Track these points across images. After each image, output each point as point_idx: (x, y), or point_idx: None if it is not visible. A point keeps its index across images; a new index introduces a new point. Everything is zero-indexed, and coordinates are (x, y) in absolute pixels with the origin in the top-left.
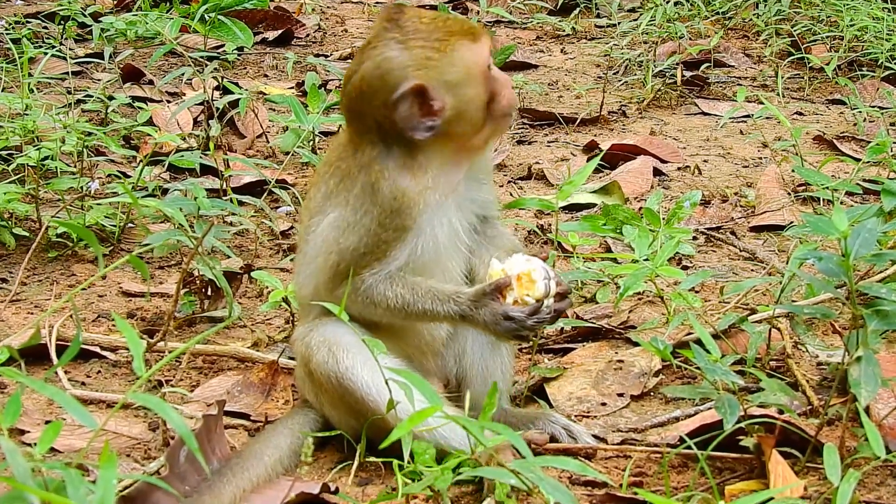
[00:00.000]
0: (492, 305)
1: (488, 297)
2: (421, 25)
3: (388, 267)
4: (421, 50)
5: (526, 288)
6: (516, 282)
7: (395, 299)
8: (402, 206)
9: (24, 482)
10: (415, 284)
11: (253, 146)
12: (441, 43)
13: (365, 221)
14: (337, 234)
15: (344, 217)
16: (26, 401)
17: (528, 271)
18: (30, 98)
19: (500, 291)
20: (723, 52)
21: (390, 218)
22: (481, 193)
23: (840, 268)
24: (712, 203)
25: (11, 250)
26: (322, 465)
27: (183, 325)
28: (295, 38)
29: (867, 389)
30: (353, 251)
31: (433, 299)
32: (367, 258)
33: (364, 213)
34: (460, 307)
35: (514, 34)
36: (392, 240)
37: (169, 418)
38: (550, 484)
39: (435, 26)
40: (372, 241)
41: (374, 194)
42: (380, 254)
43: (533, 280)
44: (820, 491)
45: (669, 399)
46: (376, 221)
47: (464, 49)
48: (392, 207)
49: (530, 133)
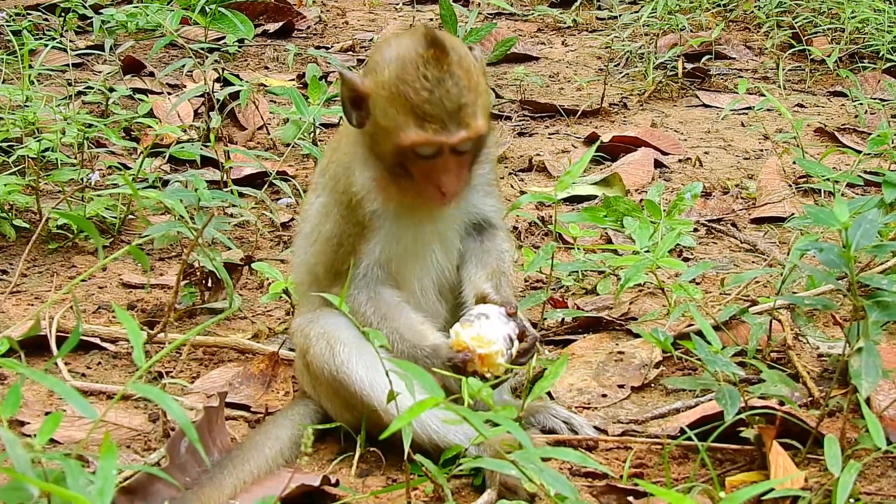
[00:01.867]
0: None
1: (447, 366)
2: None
3: (360, 263)
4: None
5: (487, 367)
6: (478, 360)
7: (367, 318)
8: (357, 203)
9: (23, 473)
10: (387, 313)
11: (254, 138)
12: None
13: (336, 210)
14: (321, 220)
15: (324, 202)
16: (26, 392)
17: (491, 353)
18: (30, 90)
19: (459, 366)
20: (724, 44)
21: (349, 210)
22: (476, 204)
23: (841, 259)
24: (713, 195)
25: (12, 242)
26: (322, 456)
27: (183, 317)
28: (296, 30)
29: (868, 381)
30: (330, 239)
31: (398, 338)
32: (342, 251)
33: (335, 201)
34: (419, 359)
35: (515, 26)
36: (354, 233)
37: (169, 409)
38: (551, 475)
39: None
40: (340, 230)
41: (338, 183)
42: (349, 246)
43: (496, 364)
44: (820, 482)
45: (670, 390)
46: (340, 213)
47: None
48: (349, 201)
49: (531, 125)
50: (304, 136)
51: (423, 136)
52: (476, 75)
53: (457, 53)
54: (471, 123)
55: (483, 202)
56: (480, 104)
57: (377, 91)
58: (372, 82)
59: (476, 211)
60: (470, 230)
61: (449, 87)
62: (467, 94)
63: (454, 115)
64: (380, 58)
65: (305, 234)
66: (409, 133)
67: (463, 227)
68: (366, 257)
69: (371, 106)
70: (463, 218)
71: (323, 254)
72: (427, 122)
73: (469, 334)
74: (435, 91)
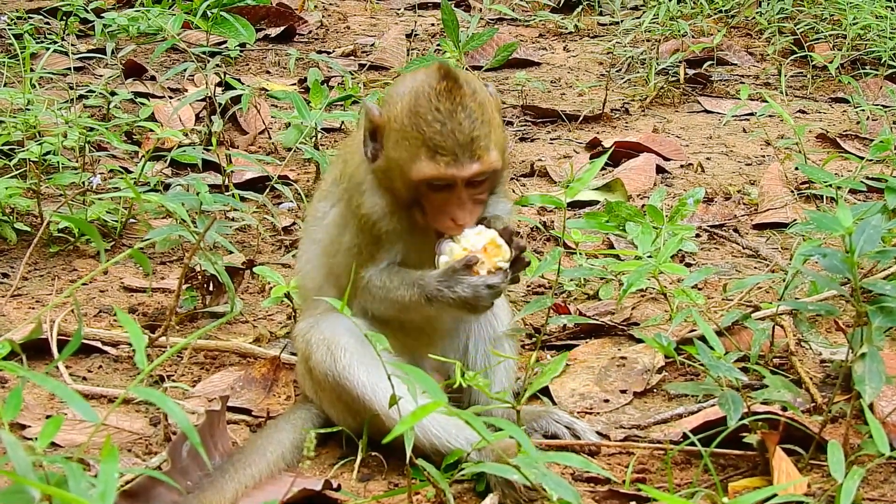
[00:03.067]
0: (468, 280)
1: (460, 273)
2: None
3: (381, 264)
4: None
5: (494, 255)
6: (484, 254)
7: (381, 289)
8: (369, 224)
9: (25, 476)
10: (393, 273)
11: (255, 142)
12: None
13: (352, 223)
14: (339, 231)
15: (342, 213)
16: (27, 396)
17: (492, 240)
18: (32, 93)
19: (471, 268)
20: (726, 50)
21: (364, 226)
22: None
23: (844, 264)
24: (715, 200)
25: (13, 245)
26: (324, 460)
27: (184, 321)
28: (297, 34)
29: (871, 386)
30: (351, 248)
31: (402, 285)
32: (361, 258)
33: (351, 214)
34: (424, 290)
35: (516, 31)
36: (372, 243)
37: (171, 412)
38: (554, 480)
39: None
40: (359, 241)
41: (350, 199)
42: (367, 256)
43: (498, 245)
44: (823, 488)
45: (673, 396)
46: (357, 226)
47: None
48: (360, 221)
49: (533, 130)
50: (305, 140)
51: (434, 169)
52: (490, 109)
53: (470, 87)
54: (483, 157)
55: (492, 209)
56: (494, 138)
57: (390, 124)
58: (386, 115)
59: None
60: None
61: (461, 119)
62: (480, 126)
63: (466, 147)
64: (395, 91)
65: (318, 241)
66: (420, 166)
67: None
68: (386, 260)
69: (384, 139)
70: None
71: (346, 265)
72: (439, 155)
73: (461, 243)
74: (447, 123)
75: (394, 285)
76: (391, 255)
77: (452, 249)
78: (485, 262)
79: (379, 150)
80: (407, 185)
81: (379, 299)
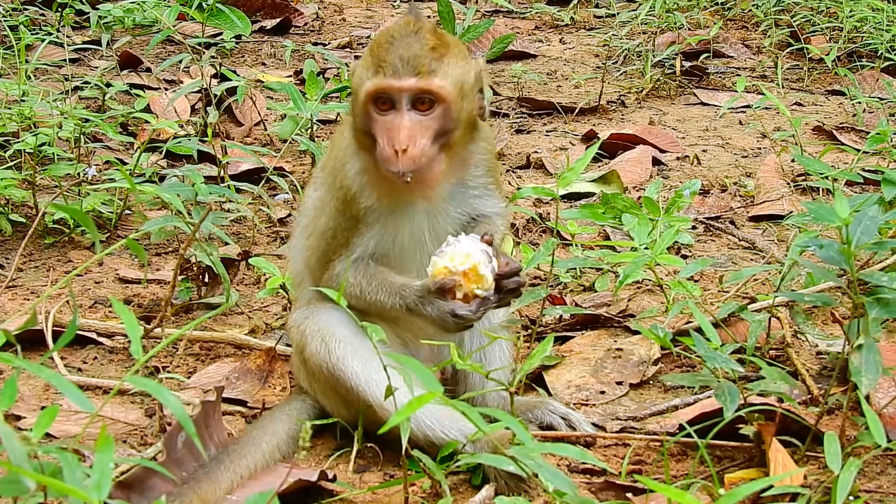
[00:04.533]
0: (438, 304)
1: (433, 295)
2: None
3: (353, 254)
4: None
5: (474, 282)
6: (463, 278)
7: (355, 286)
8: (351, 199)
9: (20, 466)
10: (372, 274)
11: (251, 134)
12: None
13: (332, 204)
14: (317, 214)
15: (321, 196)
16: (22, 386)
17: (474, 266)
18: (27, 85)
19: (446, 290)
20: (722, 42)
21: (344, 205)
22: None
23: (841, 256)
24: (711, 192)
25: (8, 236)
26: (319, 451)
27: (180, 312)
28: (293, 26)
29: (868, 378)
30: (323, 233)
31: (383, 291)
32: (334, 242)
33: (332, 196)
34: (405, 301)
35: (512, 24)
36: (349, 227)
37: (166, 402)
38: (550, 471)
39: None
40: (334, 224)
41: (335, 178)
42: (342, 240)
43: (481, 275)
44: (820, 479)
45: (669, 387)
46: (335, 207)
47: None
48: (342, 196)
49: (529, 122)
50: (301, 131)
51: (375, 82)
52: (454, 51)
53: (435, 29)
54: (425, 75)
55: (481, 203)
56: (449, 71)
57: (358, 64)
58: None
59: (473, 211)
60: (465, 226)
61: (410, 42)
62: (430, 52)
63: (408, 62)
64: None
65: (302, 226)
66: (366, 84)
67: (459, 224)
68: (359, 248)
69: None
70: (459, 217)
71: (318, 247)
72: (381, 68)
73: (445, 260)
74: (395, 42)
75: (372, 288)
76: (364, 243)
77: (435, 263)
78: (462, 286)
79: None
80: (360, 113)
81: (352, 296)
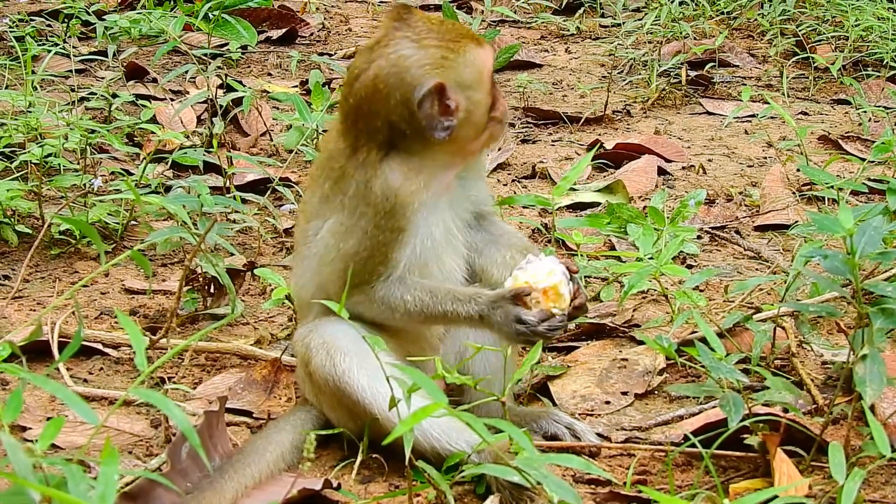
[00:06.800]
0: (507, 307)
1: (506, 300)
2: (431, 26)
3: (395, 271)
4: (436, 50)
5: (552, 301)
6: (542, 295)
7: (413, 303)
8: (395, 207)
9: (25, 478)
10: (432, 288)
11: (256, 144)
12: (454, 44)
13: (361, 224)
14: (337, 239)
15: (341, 221)
16: (28, 398)
17: (555, 285)
18: (33, 95)
19: (520, 298)
20: (727, 51)
21: (385, 219)
22: (474, 190)
23: (846, 266)
24: (717, 202)
25: (14, 247)
26: (324, 462)
27: (185, 323)
28: (299, 36)
29: (872, 388)
30: (354, 255)
31: (453, 300)
32: (371, 263)
33: (360, 215)
34: (480, 307)
35: (518, 33)
36: (389, 241)
37: (171, 413)
38: (554, 481)
39: (445, 28)
40: (370, 243)
41: (368, 195)
42: (381, 257)
43: (560, 294)
44: (825, 490)
45: (674, 397)
46: (372, 223)
47: (475, 52)
48: (385, 208)
49: (534, 132)
50: (307, 142)
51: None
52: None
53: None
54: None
55: (482, 189)
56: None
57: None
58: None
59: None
60: (471, 222)
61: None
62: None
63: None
64: (408, 53)
65: (313, 255)
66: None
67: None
68: (401, 262)
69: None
70: (466, 206)
71: (343, 271)
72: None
73: (527, 275)
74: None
75: (437, 299)
76: (406, 255)
77: (516, 277)
78: (540, 302)
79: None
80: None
81: (408, 313)
